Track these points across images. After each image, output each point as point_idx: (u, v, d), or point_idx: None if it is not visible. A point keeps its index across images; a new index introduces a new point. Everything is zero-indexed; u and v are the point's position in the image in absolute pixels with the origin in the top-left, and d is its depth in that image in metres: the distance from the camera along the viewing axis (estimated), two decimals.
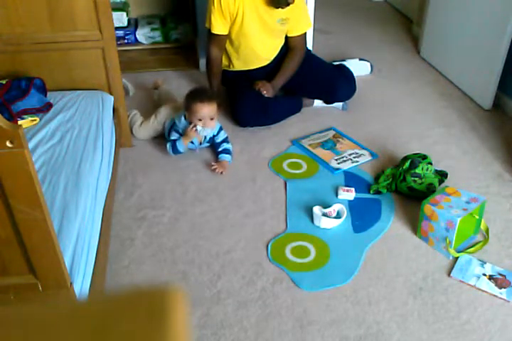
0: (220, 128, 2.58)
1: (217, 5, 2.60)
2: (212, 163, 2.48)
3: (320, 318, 1.77)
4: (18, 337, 0.39)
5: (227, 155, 2.53)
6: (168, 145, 2.52)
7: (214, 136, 2.56)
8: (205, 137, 2.54)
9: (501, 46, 2.77)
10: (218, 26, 2.68)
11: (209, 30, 2.72)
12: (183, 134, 2.51)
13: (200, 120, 2.43)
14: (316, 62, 3.00)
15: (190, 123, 2.47)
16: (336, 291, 1.88)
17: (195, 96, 2.45)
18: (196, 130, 2.45)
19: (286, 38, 2.88)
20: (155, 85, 3.08)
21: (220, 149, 2.55)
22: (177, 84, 3.23)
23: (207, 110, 2.42)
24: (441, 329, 1.74)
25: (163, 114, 2.66)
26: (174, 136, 2.53)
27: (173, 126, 2.57)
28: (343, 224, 2.17)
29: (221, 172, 2.45)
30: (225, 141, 2.58)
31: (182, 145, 2.49)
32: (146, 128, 2.69)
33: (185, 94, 2.52)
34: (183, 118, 2.50)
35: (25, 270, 1.38)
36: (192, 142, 2.53)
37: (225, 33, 2.71)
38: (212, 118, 2.45)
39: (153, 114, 2.70)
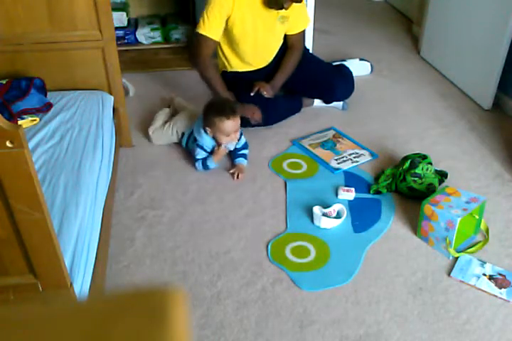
0: (241, 134, 2.50)
1: (217, 9, 2.52)
2: (232, 171, 2.44)
3: (320, 318, 1.77)
4: (18, 337, 0.39)
5: (244, 160, 2.49)
6: (198, 164, 2.43)
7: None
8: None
9: (501, 46, 2.77)
10: (213, 30, 2.58)
11: (200, 34, 2.59)
12: (208, 151, 2.43)
13: (227, 136, 2.37)
14: (314, 62, 2.99)
15: (213, 138, 2.40)
16: (336, 291, 1.88)
17: (220, 112, 2.33)
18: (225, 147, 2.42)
19: (285, 37, 2.88)
20: (168, 102, 2.95)
21: (238, 153, 2.51)
22: (177, 84, 3.23)
23: (234, 125, 2.35)
24: (442, 329, 1.74)
25: (179, 125, 2.59)
26: (201, 154, 2.43)
27: (190, 139, 2.49)
28: (343, 224, 2.17)
29: (238, 177, 2.41)
30: (244, 146, 2.53)
31: (212, 162, 2.43)
32: (159, 135, 2.64)
33: (205, 109, 2.40)
34: (203, 133, 2.40)
35: (25, 270, 1.38)
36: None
37: (217, 38, 2.62)
38: (237, 131, 2.40)
39: (168, 122, 2.65)
